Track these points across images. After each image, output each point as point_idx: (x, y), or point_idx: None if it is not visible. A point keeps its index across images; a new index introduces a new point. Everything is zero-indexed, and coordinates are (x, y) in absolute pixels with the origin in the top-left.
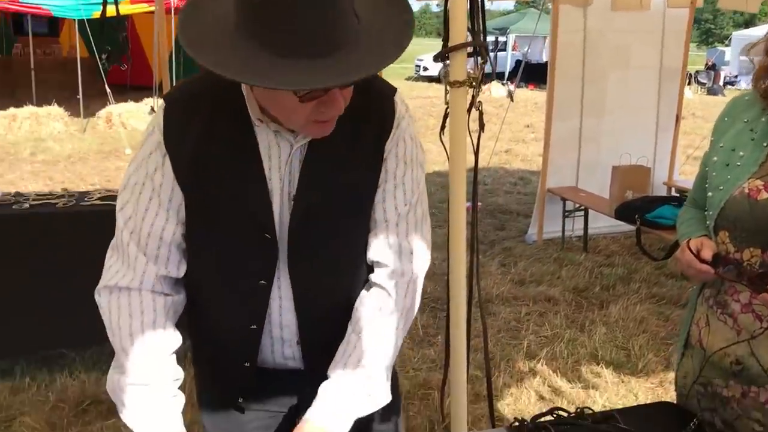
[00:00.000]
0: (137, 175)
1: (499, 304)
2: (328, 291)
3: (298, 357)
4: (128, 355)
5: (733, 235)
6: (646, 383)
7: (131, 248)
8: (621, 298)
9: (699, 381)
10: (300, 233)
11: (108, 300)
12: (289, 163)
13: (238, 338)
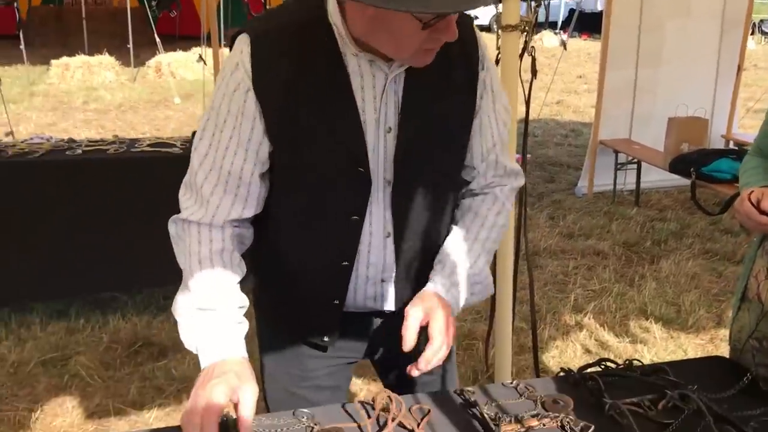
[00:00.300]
0: (217, 113)
1: (546, 257)
2: (422, 226)
3: (380, 296)
4: (196, 280)
5: None
6: (696, 339)
7: (205, 188)
8: (673, 254)
9: (754, 335)
10: (401, 166)
11: (179, 229)
12: (384, 93)
13: (327, 276)
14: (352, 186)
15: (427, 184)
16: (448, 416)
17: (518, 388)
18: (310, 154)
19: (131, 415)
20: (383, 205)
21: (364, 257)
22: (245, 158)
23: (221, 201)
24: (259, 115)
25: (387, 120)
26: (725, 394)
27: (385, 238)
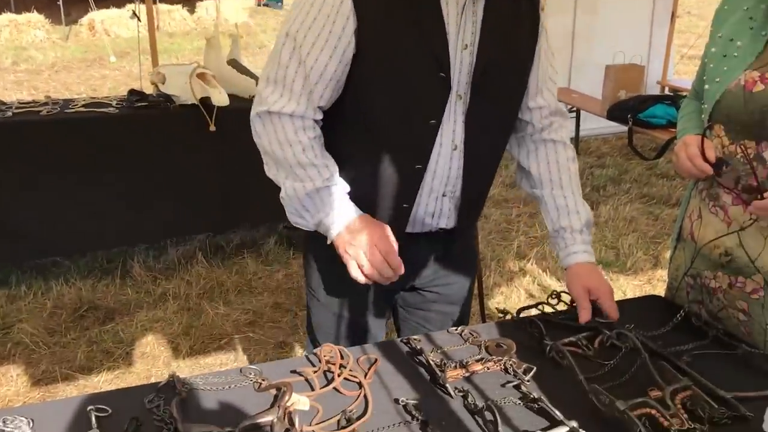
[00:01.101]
0: (309, 9)
1: (490, 206)
2: (487, 144)
3: (438, 212)
4: (304, 164)
5: (727, 128)
6: (634, 281)
7: (297, 83)
8: (611, 199)
9: (689, 273)
10: (477, 80)
11: (268, 122)
12: (464, 12)
13: (401, 178)
14: (432, 90)
15: (495, 102)
16: (395, 365)
17: (463, 335)
18: (395, 57)
19: (80, 380)
20: (454, 118)
21: (432, 167)
22: (331, 56)
23: (309, 95)
24: (353, 15)
25: (465, 37)
26: (660, 331)
27: (452, 150)
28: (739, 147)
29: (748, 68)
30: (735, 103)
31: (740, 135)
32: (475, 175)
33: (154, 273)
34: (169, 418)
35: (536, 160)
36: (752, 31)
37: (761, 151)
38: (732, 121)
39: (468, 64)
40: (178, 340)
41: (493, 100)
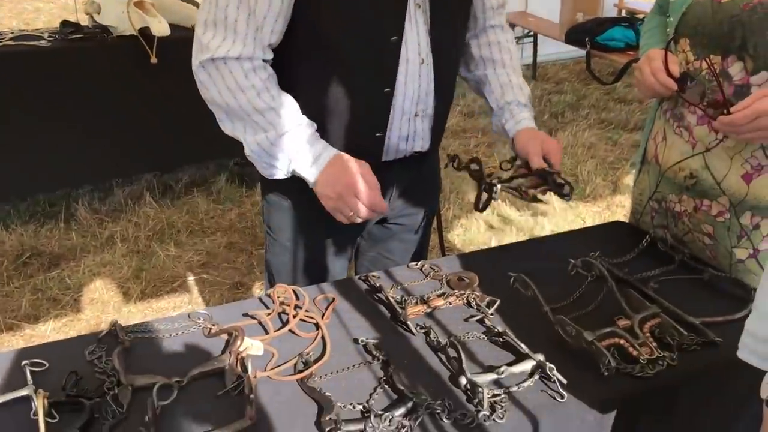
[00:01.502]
0: None
1: (448, 137)
2: (452, 55)
3: (412, 134)
4: (263, 111)
5: (694, 41)
6: (593, 207)
7: (240, 23)
8: (569, 125)
9: (654, 197)
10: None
11: (214, 70)
12: None
13: (370, 105)
14: (388, 4)
15: (454, 9)
16: (354, 304)
17: (423, 269)
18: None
19: (25, 330)
20: (416, 30)
21: (401, 87)
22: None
23: (256, 34)
24: None
25: None
26: (626, 257)
27: (420, 65)
28: (705, 62)
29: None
30: (703, 14)
31: (706, 49)
32: (445, 88)
33: (100, 215)
34: (111, 370)
35: (478, 45)
36: None
37: (727, 67)
38: (699, 33)
39: None
40: (128, 284)
41: (450, 7)
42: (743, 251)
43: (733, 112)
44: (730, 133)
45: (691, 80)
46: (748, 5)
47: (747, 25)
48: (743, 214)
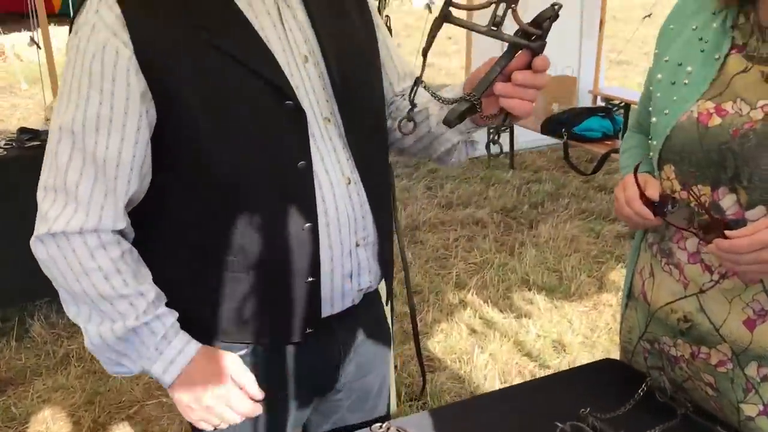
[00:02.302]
0: (78, 92)
1: (426, 231)
2: (381, 155)
3: (356, 269)
4: (111, 299)
5: (679, 169)
6: (579, 307)
7: (82, 188)
8: (550, 216)
9: (645, 337)
10: (343, 89)
11: (54, 247)
12: (282, 22)
13: (290, 250)
14: (284, 126)
15: (369, 110)
16: None
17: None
18: (217, 101)
19: None
20: (332, 146)
21: (326, 217)
22: (123, 137)
23: (105, 198)
24: (135, 72)
25: (299, 48)
26: (621, 410)
27: (347, 186)
28: (691, 194)
29: (701, 97)
30: (688, 139)
31: (693, 178)
32: (385, 203)
33: (56, 331)
34: None
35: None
36: (703, 54)
37: (718, 199)
38: (685, 160)
39: (318, 77)
40: (80, 412)
41: (368, 109)
42: (752, 407)
43: (733, 237)
44: (727, 262)
45: (673, 204)
46: (739, 131)
47: (739, 153)
48: (748, 365)
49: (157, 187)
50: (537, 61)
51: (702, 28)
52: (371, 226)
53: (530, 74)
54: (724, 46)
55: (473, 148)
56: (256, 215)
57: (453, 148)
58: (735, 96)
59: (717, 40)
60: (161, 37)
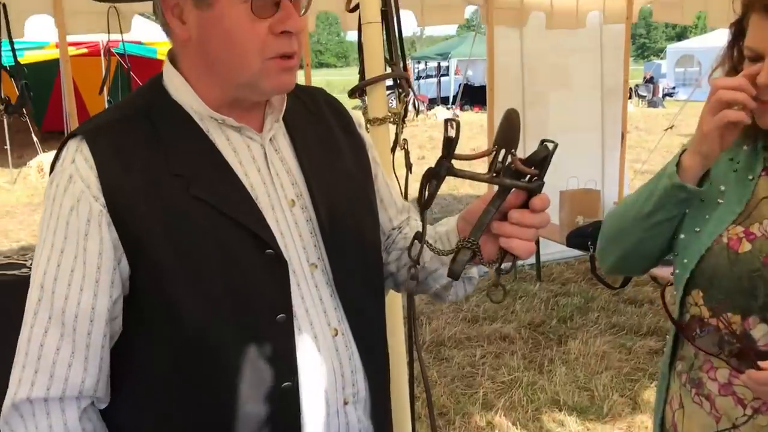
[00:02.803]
0: (51, 246)
1: (452, 347)
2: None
3: (344, 428)
4: None
5: (708, 295)
6: (613, 429)
7: (47, 347)
8: (579, 331)
9: None
10: (331, 233)
11: (17, 419)
12: (268, 163)
13: (267, 410)
14: (263, 276)
15: (357, 256)
16: None
17: None
18: (192, 251)
19: None
20: (317, 295)
21: (310, 373)
22: (96, 292)
23: (72, 359)
24: (105, 223)
25: (285, 192)
26: None
27: (333, 338)
28: (721, 321)
29: (734, 220)
30: (719, 265)
31: (723, 305)
32: (378, 354)
33: None
34: None
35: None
36: (736, 174)
37: (749, 328)
38: (715, 286)
39: (305, 221)
40: None
41: (359, 252)
42: None
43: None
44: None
45: (702, 329)
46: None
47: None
48: None
49: (124, 341)
50: (535, 201)
51: (732, 151)
52: (362, 381)
53: (528, 214)
54: (757, 168)
55: (471, 284)
56: (230, 373)
57: (450, 284)
58: (762, 218)
59: (749, 162)
60: (135, 187)
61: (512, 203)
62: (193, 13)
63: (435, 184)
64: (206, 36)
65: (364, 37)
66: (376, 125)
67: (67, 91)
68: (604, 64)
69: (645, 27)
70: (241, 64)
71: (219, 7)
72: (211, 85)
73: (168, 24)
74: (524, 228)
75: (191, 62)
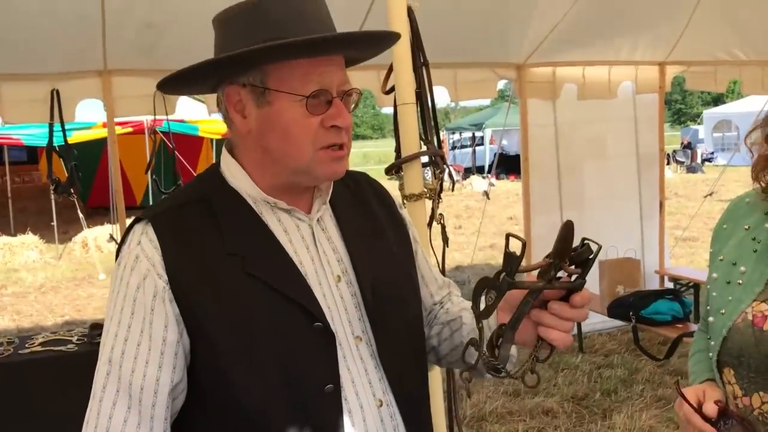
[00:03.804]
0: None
1: (493, 421)
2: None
3: None
4: None
5: (739, 373)
6: None
7: (115, 420)
8: (624, 405)
9: None
10: (375, 307)
11: None
12: (316, 242)
13: None
14: (312, 348)
15: (400, 330)
16: None
17: None
18: (248, 325)
19: None
20: (363, 367)
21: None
22: (160, 365)
23: (138, 429)
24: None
25: (332, 269)
26: None
27: (378, 408)
28: (754, 401)
29: (756, 299)
30: (744, 343)
31: (753, 383)
32: (422, 424)
33: None
34: None
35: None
36: (756, 254)
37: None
38: (743, 364)
39: (350, 296)
40: None
41: (401, 326)
42: None
43: None
44: None
45: (726, 420)
46: None
47: None
48: None
49: (182, 413)
50: (575, 298)
51: (754, 228)
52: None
53: (568, 308)
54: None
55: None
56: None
57: None
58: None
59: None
60: (195, 267)
61: (553, 295)
62: (254, 108)
63: (494, 296)
64: (265, 129)
65: (400, 117)
66: (413, 201)
67: (114, 171)
68: (638, 133)
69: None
70: (296, 153)
71: (278, 104)
72: (266, 172)
73: (230, 117)
74: (562, 320)
75: (249, 151)
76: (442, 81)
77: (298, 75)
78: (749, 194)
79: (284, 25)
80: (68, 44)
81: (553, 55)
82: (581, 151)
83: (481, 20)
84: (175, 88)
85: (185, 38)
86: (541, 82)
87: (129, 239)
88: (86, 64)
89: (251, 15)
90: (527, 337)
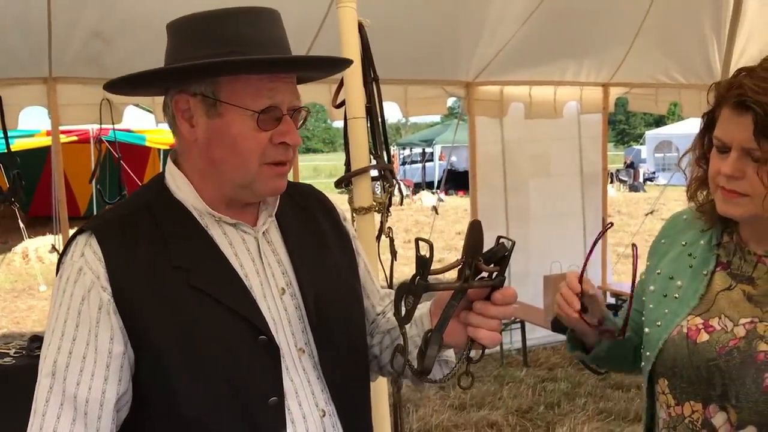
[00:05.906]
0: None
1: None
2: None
3: None
4: None
5: (672, 383)
6: None
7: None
8: (567, 418)
9: None
10: (319, 320)
11: None
12: (261, 255)
13: None
14: (257, 361)
15: (342, 342)
16: None
17: None
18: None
19: None
20: (306, 377)
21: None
22: (106, 377)
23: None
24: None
25: (276, 281)
26: None
27: (321, 418)
28: (685, 409)
29: (691, 312)
30: (679, 354)
31: (685, 394)
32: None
33: None
34: None
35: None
36: (692, 269)
37: (710, 417)
38: (677, 375)
39: (294, 309)
40: None
41: (344, 338)
42: None
43: None
44: None
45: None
46: (725, 348)
47: (726, 371)
48: None
49: (126, 423)
50: (496, 295)
51: (690, 245)
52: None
53: (491, 306)
54: (710, 263)
55: (447, 366)
56: None
57: None
58: (720, 312)
59: (704, 257)
60: (139, 279)
61: (477, 295)
62: (203, 118)
63: (412, 300)
64: (213, 139)
65: (350, 131)
66: (362, 214)
67: (58, 180)
68: (583, 152)
69: (624, 114)
70: (242, 166)
71: (229, 117)
72: (210, 183)
73: (177, 125)
74: (488, 319)
75: (194, 161)
76: (393, 97)
77: (251, 90)
78: (686, 212)
79: (241, 40)
80: (12, 50)
81: (501, 75)
82: (527, 168)
83: (432, 38)
84: (122, 90)
85: (133, 48)
86: (489, 101)
87: (72, 250)
88: (31, 71)
89: (208, 26)
90: (458, 339)
